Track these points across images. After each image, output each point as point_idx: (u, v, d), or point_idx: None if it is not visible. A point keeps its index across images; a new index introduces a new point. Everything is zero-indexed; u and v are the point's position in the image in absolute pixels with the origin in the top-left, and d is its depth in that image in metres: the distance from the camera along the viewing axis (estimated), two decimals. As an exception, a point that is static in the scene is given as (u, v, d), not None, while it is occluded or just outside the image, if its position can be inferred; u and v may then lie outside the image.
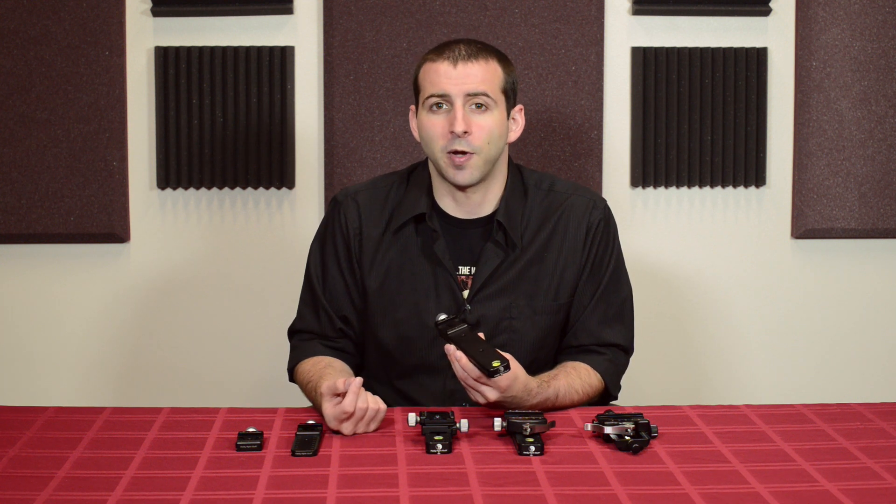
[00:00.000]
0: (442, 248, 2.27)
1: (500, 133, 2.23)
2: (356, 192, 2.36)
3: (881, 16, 3.19)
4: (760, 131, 3.22)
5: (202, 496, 1.68)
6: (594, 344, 2.29)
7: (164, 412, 2.11)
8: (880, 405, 2.16)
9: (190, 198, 3.20)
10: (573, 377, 2.19)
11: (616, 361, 2.30)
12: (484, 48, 2.23)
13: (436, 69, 2.20)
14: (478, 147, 2.19)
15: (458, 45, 2.22)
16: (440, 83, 2.19)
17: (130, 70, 3.15)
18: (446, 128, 2.19)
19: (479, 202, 2.28)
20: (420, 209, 2.28)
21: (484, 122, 2.19)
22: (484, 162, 2.21)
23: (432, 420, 1.95)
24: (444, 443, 1.89)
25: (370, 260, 2.31)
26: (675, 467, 1.81)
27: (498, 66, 2.23)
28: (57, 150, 3.12)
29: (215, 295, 3.24)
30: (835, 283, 3.32)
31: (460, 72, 2.18)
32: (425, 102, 2.22)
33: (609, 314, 2.30)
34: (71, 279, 3.21)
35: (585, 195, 2.35)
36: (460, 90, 2.18)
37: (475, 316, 2.27)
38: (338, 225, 2.33)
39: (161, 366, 3.25)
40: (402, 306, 2.29)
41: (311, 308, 2.34)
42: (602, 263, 2.31)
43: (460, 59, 2.19)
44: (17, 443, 1.93)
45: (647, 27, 3.21)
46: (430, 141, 2.22)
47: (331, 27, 3.14)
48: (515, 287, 2.28)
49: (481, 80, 2.19)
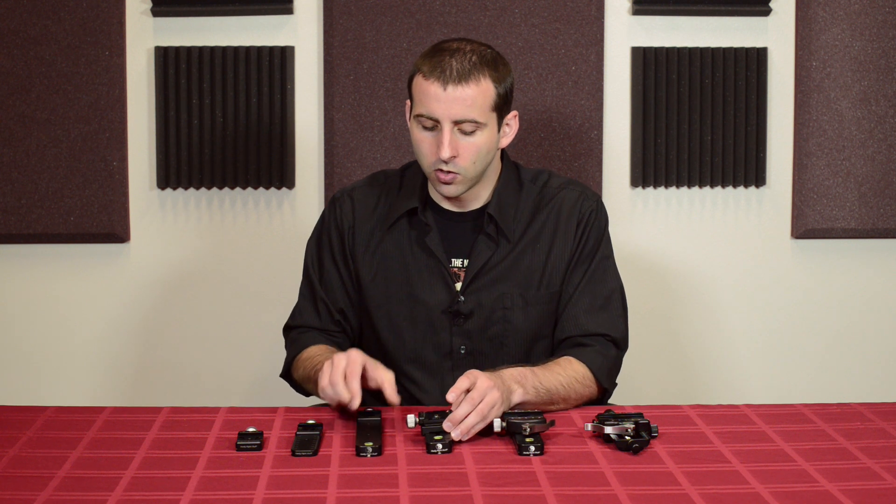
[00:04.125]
0: (435, 241, 2.30)
1: (489, 149, 2.23)
2: (352, 190, 2.41)
3: (881, 16, 3.19)
4: (760, 131, 3.22)
5: (202, 496, 1.68)
6: (580, 335, 2.28)
7: (164, 412, 2.11)
8: (880, 405, 2.16)
9: (190, 198, 3.20)
10: (549, 365, 2.18)
11: (604, 353, 2.27)
12: (477, 64, 2.18)
13: (426, 89, 2.18)
14: (463, 168, 2.21)
15: (451, 60, 2.18)
16: (429, 105, 2.18)
17: (130, 70, 3.15)
18: (434, 149, 2.20)
19: (472, 198, 2.32)
20: (413, 203, 2.31)
21: (471, 143, 2.20)
22: (470, 179, 2.24)
23: (431, 420, 1.95)
24: (443, 442, 1.89)
25: (363, 253, 2.34)
26: (676, 467, 1.81)
27: (490, 85, 2.19)
28: (57, 150, 3.12)
29: (215, 295, 3.24)
30: (835, 283, 3.32)
31: (450, 95, 2.16)
32: (416, 117, 2.23)
33: (595, 304, 2.30)
34: (71, 279, 3.21)
35: (578, 188, 2.37)
36: (448, 115, 2.17)
37: (469, 307, 2.28)
38: (333, 220, 2.38)
39: (161, 365, 3.25)
40: (396, 298, 2.32)
41: (310, 301, 2.38)
42: (590, 254, 2.32)
43: (451, 81, 2.16)
44: (17, 443, 1.93)
45: (647, 27, 3.21)
46: (419, 155, 2.25)
47: (331, 27, 3.14)
48: (507, 278, 2.30)
49: (470, 106, 2.17)
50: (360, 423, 2.00)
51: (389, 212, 2.34)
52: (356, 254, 2.35)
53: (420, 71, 2.21)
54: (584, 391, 2.20)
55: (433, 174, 2.23)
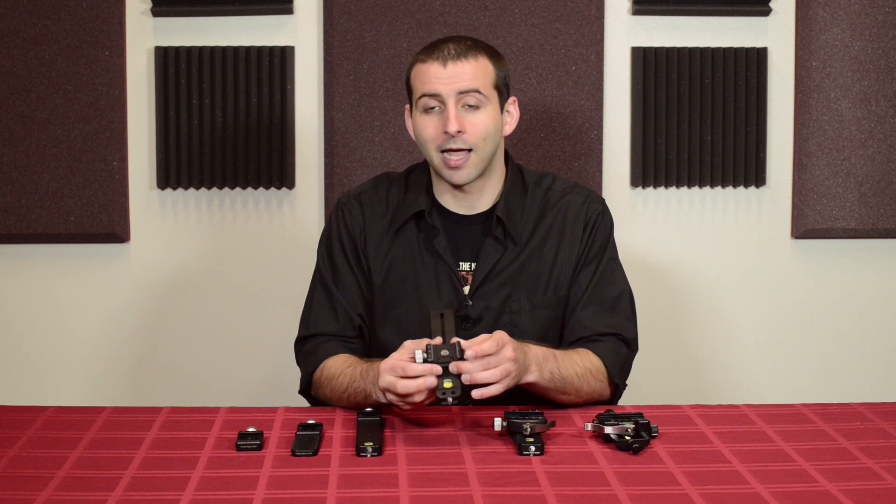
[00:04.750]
0: (442, 244, 2.28)
1: (496, 128, 2.24)
2: (359, 193, 2.38)
3: (881, 16, 3.19)
4: (760, 131, 3.22)
5: (202, 496, 1.68)
6: (591, 335, 2.27)
7: (164, 412, 2.11)
8: (880, 405, 2.16)
9: (190, 198, 3.20)
10: (569, 352, 2.18)
11: (616, 350, 2.26)
12: (473, 45, 2.24)
13: (426, 70, 2.21)
14: (473, 144, 2.20)
15: (448, 43, 2.23)
16: (431, 83, 2.20)
17: (130, 70, 3.15)
18: (440, 128, 2.20)
19: (478, 197, 2.30)
20: (420, 206, 2.30)
21: (478, 120, 2.20)
22: (480, 159, 2.23)
23: (439, 354, 1.94)
24: (453, 394, 1.90)
25: (375, 257, 2.32)
26: (676, 467, 1.81)
27: (488, 62, 2.23)
28: (57, 150, 3.12)
29: (215, 295, 3.24)
30: (835, 283, 3.32)
31: (450, 71, 2.19)
32: (418, 103, 2.23)
33: (604, 307, 2.29)
34: (71, 279, 3.21)
35: (583, 192, 2.37)
36: (452, 89, 2.19)
37: (477, 311, 2.27)
38: (343, 225, 2.34)
39: (161, 365, 3.25)
40: (404, 302, 2.30)
41: (328, 308, 2.32)
42: (597, 257, 2.32)
43: (450, 59, 2.20)
44: (17, 443, 1.93)
45: (647, 27, 3.21)
46: (425, 142, 2.24)
47: (331, 27, 3.14)
48: (515, 282, 2.29)
49: (472, 77, 2.20)
50: (360, 423, 2.00)
51: (396, 215, 2.32)
52: (369, 257, 2.32)
53: (417, 60, 2.24)
54: (596, 385, 2.18)
55: (441, 160, 2.22)
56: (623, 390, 2.31)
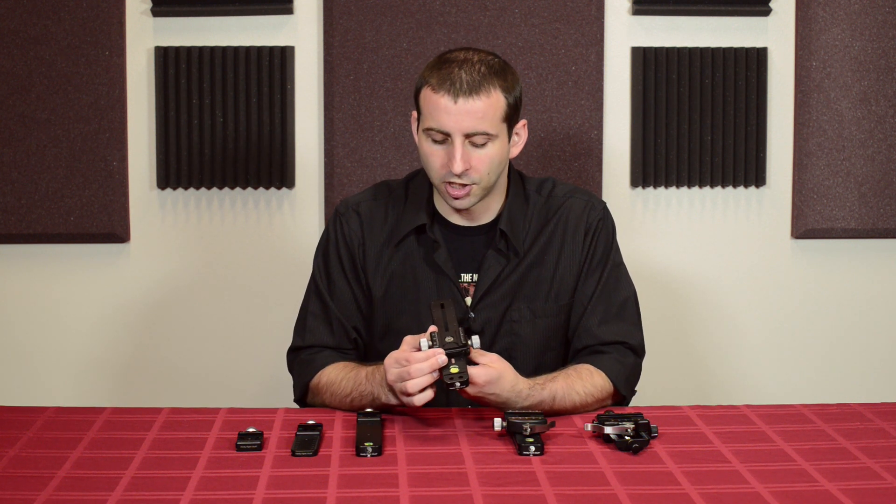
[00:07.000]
0: (443, 257, 2.26)
1: (501, 160, 2.20)
2: (357, 204, 2.34)
3: (881, 16, 3.20)
4: (760, 131, 3.22)
5: (202, 496, 1.68)
6: (597, 344, 2.26)
7: (164, 412, 2.11)
8: (880, 405, 2.16)
9: (190, 198, 3.20)
10: (573, 378, 2.15)
11: (622, 360, 2.24)
12: (487, 75, 2.15)
13: (436, 102, 2.14)
14: (477, 178, 2.17)
15: (461, 72, 2.14)
16: (440, 119, 2.14)
17: (130, 70, 3.15)
18: (445, 161, 2.16)
19: (481, 213, 2.28)
20: (420, 220, 2.27)
21: (483, 155, 2.16)
22: (483, 189, 2.20)
23: (445, 344, 1.97)
24: (460, 380, 1.94)
25: (374, 270, 2.29)
26: (675, 467, 1.81)
27: (500, 96, 2.16)
28: (57, 150, 3.12)
29: (215, 295, 3.24)
30: (835, 283, 3.32)
31: (460, 108, 2.12)
32: (425, 131, 2.19)
33: (609, 314, 2.28)
34: (71, 279, 3.21)
35: (584, 197, 2.34)
36: (459, 128, 2.13)
37: (479, 323, 2.26)
38: (340, 236, 2.31)
39: (161, 366, 3.25)
40: (405, 315, 2.28)
41: (323, 320, 2.30)
42: (600, 263, 2.30)
43: (461, 94, 2.12)
44: (17, 443, 1.93)
45: (647, 27, 3.21)
46: (429, 168, 2.20)
47: (331, 27, 3.14)
48: (517, 292, 2.27)
49: (481, 118, 2.13)
50: (359, 423, 2.00)
51: (396, 228, 2.29)
52: (367, 270, 2.30)
53: (428, 83, 2.16)
54: (598, 406, 2.17)
55: (444, 188, 2.19)
56: (632, 397, 2.30)
